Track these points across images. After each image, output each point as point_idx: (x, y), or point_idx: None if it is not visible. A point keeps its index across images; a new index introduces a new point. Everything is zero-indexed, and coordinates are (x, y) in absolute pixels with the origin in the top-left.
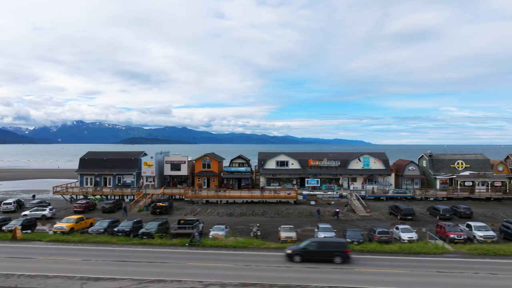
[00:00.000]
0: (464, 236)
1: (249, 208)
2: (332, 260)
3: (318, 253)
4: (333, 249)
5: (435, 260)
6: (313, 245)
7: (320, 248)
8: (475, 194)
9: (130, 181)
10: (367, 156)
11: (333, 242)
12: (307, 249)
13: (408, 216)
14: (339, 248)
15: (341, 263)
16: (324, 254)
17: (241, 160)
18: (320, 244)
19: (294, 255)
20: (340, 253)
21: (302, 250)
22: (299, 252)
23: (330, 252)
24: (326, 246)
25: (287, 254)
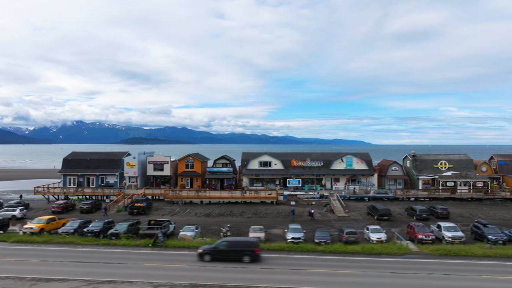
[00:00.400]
0: (432, 236)
1: (228, 208)
2: (241, 259)
3: (228, 252)
4: (242, 249)
5: (394, 260)
6: (223, 244)
7: (230, 247)
8: (456, 194)
9: (113, 181)
10: (350, 156)
11: (243, 242)
12: (217, 249)
13: (384, 217)
14: (248, 247)
15: (250, 262)
16: (234, 253)
17: (224, 160)
18: (230, 244)
19: (204, 255)
20: (249, 252)
21: (212, 249)
22: (209, 251)
23: (239, 251)
24: (235, 245)
25: (198, 254)
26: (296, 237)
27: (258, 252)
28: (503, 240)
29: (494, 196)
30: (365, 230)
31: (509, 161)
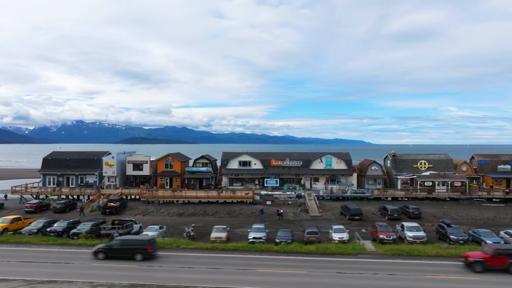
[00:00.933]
0: (393, 236)
1: (203, 208)
2: (133, 257)
3: (120, 251)
4: (134, 247)
5: (345, 260)
6: (116, 242)
7: (122, 245)
8: (433, 194)
9: (92, 181)
10: (329, 156)
11: (135, 240)
12: (111, 247)
13: (356, 216)
14: (141, 245)
15: (142, 260)
16: (126, 252)
17: (204, 160)
18: (123, 242)
19: (98, 253)
20: (141, 251)
21: (105, 247)
22: (102, 249)
23: (131, 250)
24: (128, 243)
25: (93, 252)
26: (257, 237)
27: (150, 250)
28: (464, 240)
29: (471, 196)
30: (329, 230)
31: (490, 161)
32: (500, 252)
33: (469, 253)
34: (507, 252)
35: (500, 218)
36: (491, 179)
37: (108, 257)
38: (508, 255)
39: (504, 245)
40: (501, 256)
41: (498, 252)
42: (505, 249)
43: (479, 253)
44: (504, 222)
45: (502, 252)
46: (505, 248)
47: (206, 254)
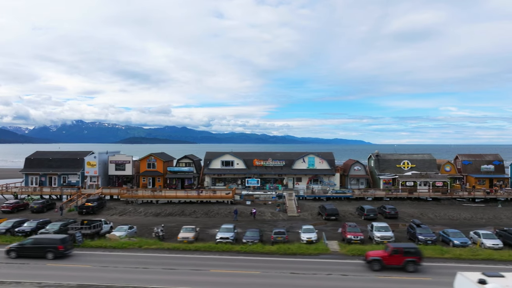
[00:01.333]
0: (361, 236)
1: (182, 208)
2: (45, 256)
3: (32, 249)
4: (46, 245)
5: (303, 261)
6: (29, 241)
7: (34, 244)
8: (414, 194)
9: (75, 181)
10: (312, 156)
11: (47, 239)
12: (23, 245)
13: (332, 216)
14: (52, 244)
15: (54, 258)
16: (37, 250)
17: (187, 160)
18: (35, 241)
19: (10, 251)
20: (52, 249)
21: (18, 246)
22: (14, 248)
23: (43, 248)
24: (40, 242)
25: (6, 250)
26: (224, 237)
27: (62, 249)
28: (432, 241)
29: (452, 196)
30: (299, 230)
31: (473, 161)
32: (397, 251)
33: (370, 252)
34: (404, 250)
35: (477, 218)
36: (474, 179)
37: (20, 256)
38: (405, 254)
39: (402, 244)
40: (398, 255)
41: (395, 250)
42: (403, 248)
43: (379, 252)
44: (480, 222)
45: (400, 251)
46: (403, 246)
47: (166, 254)
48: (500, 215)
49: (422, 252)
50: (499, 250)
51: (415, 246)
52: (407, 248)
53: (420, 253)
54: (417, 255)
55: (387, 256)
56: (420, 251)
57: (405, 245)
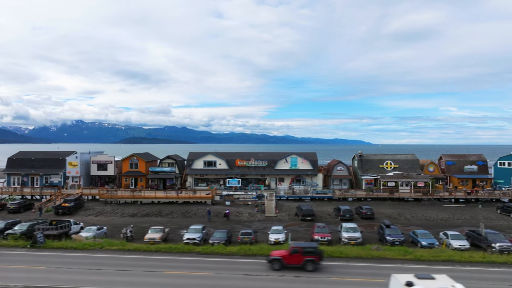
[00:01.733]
0: (328, 237)
1: (160, 208)
2: None
3: None
4: None
5: (260, 262)
6: None
7: None
8: (395, 194)
9: (57, 181)
10: (294, 156)
11: None
12: None
13: (307, 217)
14: None
15: None
16: None
17: (170, 160)
18: None
19: None
20: None
21: None
22: None
23: None
24: None
25: None
26: (191, 238)
27: None
28: (400, 241)
29: (432, 196)
30: (269, 231)
31: (457, 161)
32: (297, 250)
33: (274, 251)
34: (303, 250)
35: (454, 218)
36: (457, 179)
37: None
38: (305, 253)
39: (302, 243)
40: (298, 254)
41: (295, 250)
42: (302, 247)
43: (281, 252)
44: (457, 223)
45: (299, 250)
46: (302, 246)
47: (125, 255)
48: (477, 216)
49: (322, 251)
50: (465, 251)
51: (315, 245)
52: (307, 248)
53: (319, 253)
54: (317, 255)
55: (287, 255)
56: (320, 250)
57: (305, 244)
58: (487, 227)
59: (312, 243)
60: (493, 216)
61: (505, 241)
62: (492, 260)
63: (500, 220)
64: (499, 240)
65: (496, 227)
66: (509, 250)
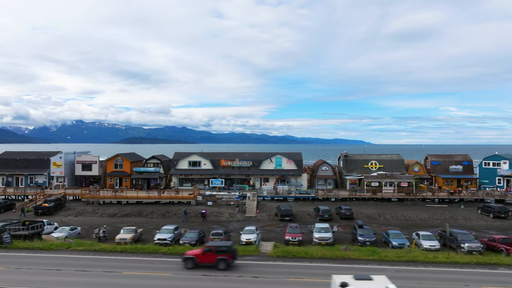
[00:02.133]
0: (299, 238)
1: (141, 208)
2: None
3: None
4: None
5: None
6: None
7: None
8: (377, 194)
9: (42, 181)
10: (279, 156)
11: None
12: None
13: (286, 217)
14: None
15: None
16: None
17: (155, 160)
18: None
19: None
20: None
21: None
22: None
23: None
24: None
25: None
26: (162, 238)
27: None
28: (371, 242)
29: (415, 197)
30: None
31: (442, 162)
32: (210, 249)
33: (189, 251)
34: (216, 249)
35: (433, 219)
36: (442, 179)
37: None
38: (217, 252)
39: (215, 242)
40: (210, 253)
41: (208, 249)
42: (215, 246)
43: (195, 251)
44: (436, 223)
45: (212, 249)
46: (215, 245)
47: (90, 256)
48: (457, 216)
49: (236, 250)
50: (435, 251)
51: (229, 245)
52: (220, 247)
53: (232, 252)
54: (229, 254)
55: (201, 254)
56: (233, 249)
57: (219, 243)
58: (466, 227)
59: (227, 242)
60: (473, 216)
61: (474, 242)
62: (455, 261)
63: (480, 220)
64: (468, 240)
65: (474, 227)
66: (477, 251)
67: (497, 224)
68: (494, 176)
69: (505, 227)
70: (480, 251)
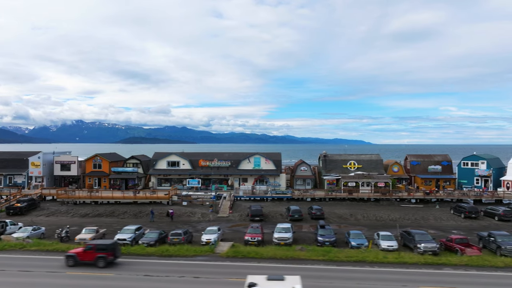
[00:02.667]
0: (258, 238)
1: (115, 208)
2: None
3: None
4: None
5: (168, 263)
6: None
7: None
8: (353, 195)
9: (21, 181)
10: (258, 156)
11: None
12: None
13: (255, 217)
14: None
15: None
16: None
17: (135, 160)
18: None
19: None
20: None
21: None
22: None
23: None
24: None
25: None
26: (121, 239)
27: None
28: (330, 242)
29: (391, 197)
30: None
31: (422, 162)
32: (90, 247)
33: (73, 249)
34: (96, 247)
35: (404, 219)
36: (421, 179)
37: None
38: (98, 250)
39: (98, 241)
40: (91, 251)
41: (89, 247)
42: (95, 245)
43: (77, 249)
44: (406, 223)
45: (93, 247)
46: (96, 243)
47: (41, 256)
48: (429, 216)
49: (116, 249)
50: (393, 251)
51: (110, 243)
52: (100, 245)
53: (112, 250)
54: (110, 252)
55: (82, 252)
56: (114, 248)
57: (100, 241)
58: (435, 227)
59: (108, 241)
60: (445, 216)
61: (430, 242)
62: (404, 261)
63: (450, 220)
64: (425, 240)
65: (443, 227)
66: (433, 251)
67: (467, 224)
68: (473, 176)
69: (473, 227)
70: (436, 251)
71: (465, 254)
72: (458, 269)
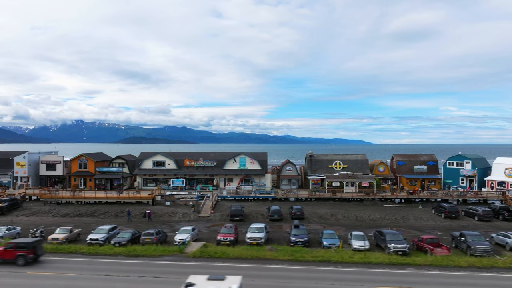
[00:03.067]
0: (231, 238)
1: (97, 208)
2: None
3: None
4: None
5: (133, 263)
6: None
7: None
8: (337, 194)
9: (6, 181)
10: (243, 156)
11: None
12: None
13: (235, 217)
14: None
15: None
16: None
17: (121, 160)
18: None
19: None
20: None
21: None
22: None
23: None
24: None
25: None
26: (94, 238)
27: None
28: (302, 242)
29: (374, 197)
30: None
31: (408, 162)
32: (11, 246)
33: None
34: (17, 245)
35: (384, 219)
36: (406, 179)
37: None
38: (18, 248)
39: (17, 240)
40: (11, 249)
41: (9, 245)
42: (16, 243)
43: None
44: (385, 223)
45: (13, 246)
46: (16, 242)
47: None
48: (409, 216)
49: (39, 247)
50: (364, 251)
51: (30, 241)
52: (20, 243)
53: (34, 248)
54: (30, 250)
55: (2, 251)
56: (35, 246)
57: (21, 240)
58: (414, 227)
59: (28, 239)
60: (426, 216)
61: (401, 242)
62: (369, 261)
63: (430, 220)
64: (395, 240)
65: (422, 227)
66: (403, 251)
67: (446, 224)
68: (458, 176)
69: (452, 227)
70: (406, 251)
71: (434, 254)
72: (421, 269)
